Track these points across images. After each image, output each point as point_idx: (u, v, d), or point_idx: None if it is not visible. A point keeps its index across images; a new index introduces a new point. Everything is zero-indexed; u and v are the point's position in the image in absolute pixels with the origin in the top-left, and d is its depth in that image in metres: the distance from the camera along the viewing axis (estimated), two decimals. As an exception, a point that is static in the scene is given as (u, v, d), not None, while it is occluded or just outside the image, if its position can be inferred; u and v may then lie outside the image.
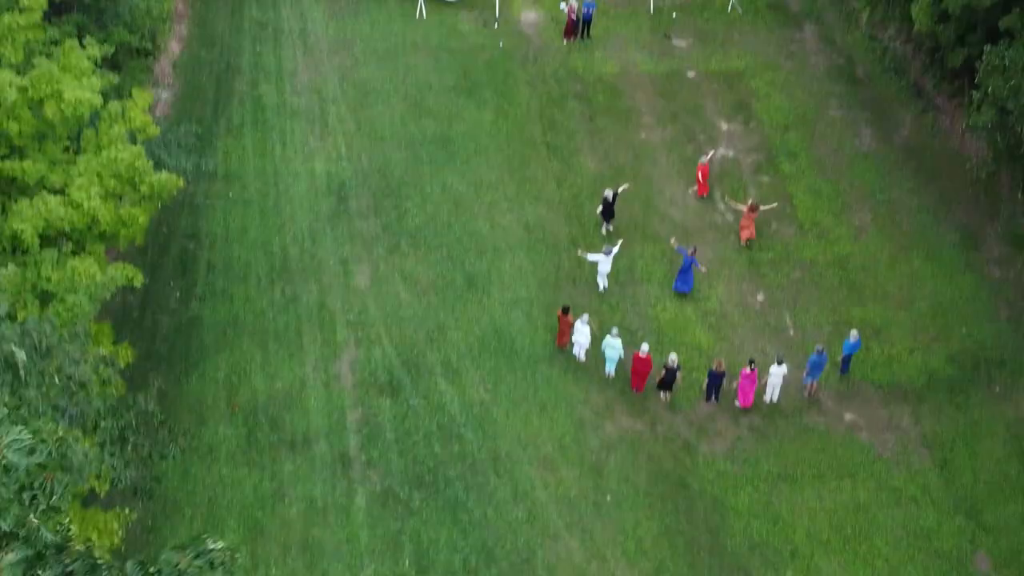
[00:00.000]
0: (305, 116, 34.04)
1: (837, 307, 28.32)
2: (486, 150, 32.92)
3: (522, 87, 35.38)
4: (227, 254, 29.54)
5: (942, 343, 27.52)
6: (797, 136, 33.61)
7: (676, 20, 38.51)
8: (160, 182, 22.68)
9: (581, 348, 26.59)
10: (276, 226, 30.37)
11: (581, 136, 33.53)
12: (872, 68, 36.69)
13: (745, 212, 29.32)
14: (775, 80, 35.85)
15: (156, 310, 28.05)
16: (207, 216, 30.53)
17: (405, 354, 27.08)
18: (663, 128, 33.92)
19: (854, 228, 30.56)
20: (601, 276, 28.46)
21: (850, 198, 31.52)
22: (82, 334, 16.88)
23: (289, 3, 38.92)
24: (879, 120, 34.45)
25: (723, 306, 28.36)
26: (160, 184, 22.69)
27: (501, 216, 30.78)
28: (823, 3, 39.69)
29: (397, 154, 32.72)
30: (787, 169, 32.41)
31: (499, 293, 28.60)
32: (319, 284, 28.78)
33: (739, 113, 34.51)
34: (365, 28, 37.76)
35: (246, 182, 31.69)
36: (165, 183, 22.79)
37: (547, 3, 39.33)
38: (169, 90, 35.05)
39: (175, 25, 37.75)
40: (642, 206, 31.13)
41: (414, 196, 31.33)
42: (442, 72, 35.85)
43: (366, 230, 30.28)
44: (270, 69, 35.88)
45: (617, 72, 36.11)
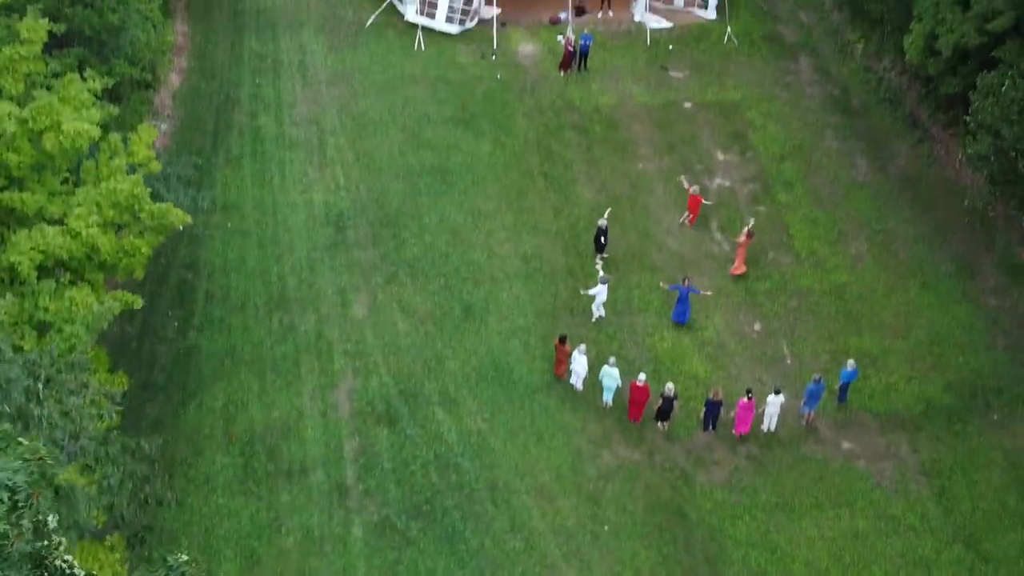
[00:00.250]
0: (304, 147, 34.24)
1: (834, 336, 28.35)
2: (484, 181, 33.09)
3: (519, 118, 35.62)
4: (225, 284, 29.61)
5: (939, 372, 27.54)
6: (793, 166, 33.80)
7: (672, 52, 38.83)
8: (161, 210, 22.77)
9: (578, 377, 26.60)
10: (274, 256, 30.46)
11: (578, 166, 33.72)
12: (867, 99, 36.96)
13: (743, 240, 29.38)
14: (771, 111, 36.10)
15: (154, 340, 28.07)
16: (206, 246, 30.62)
17: (402, 383, 27.08)
18: (660, 158, 34.12)
19: (851, 257, 30.67)
20: (597, 306, 28.51)
21: (846, 228, 31.65)
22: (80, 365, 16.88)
23: (288, 35, 39.26)
24: (875, 150, 34.66)
25: (720, 336, 28.39)
26: (161, 212, 22.78)
27: (499, 246, 30.88)
28: (818, 35, 40.06)
29: (395, 185, 32.88)
30: (783, 199, 32.57)
31: (497, 323, 28.64)
32: (317, 314, 28.83)
33: (735, 143, 34.73)
34: (364, 60, 38.05)
35: (245, 212, 31.82)
36: (166, 212, 22.88)
37: (544, 35, 39.70)
38: (169, 122, 35.27)
39: (175, 58, 38.07)
40: (639, 236, 31.25)
41: (412, 226, 31.45)
42: (440, 103, 36.11)
43: (364, 260, 30.37)
44: (269, 101, 36.12)
45: (614, 103, 36.37)
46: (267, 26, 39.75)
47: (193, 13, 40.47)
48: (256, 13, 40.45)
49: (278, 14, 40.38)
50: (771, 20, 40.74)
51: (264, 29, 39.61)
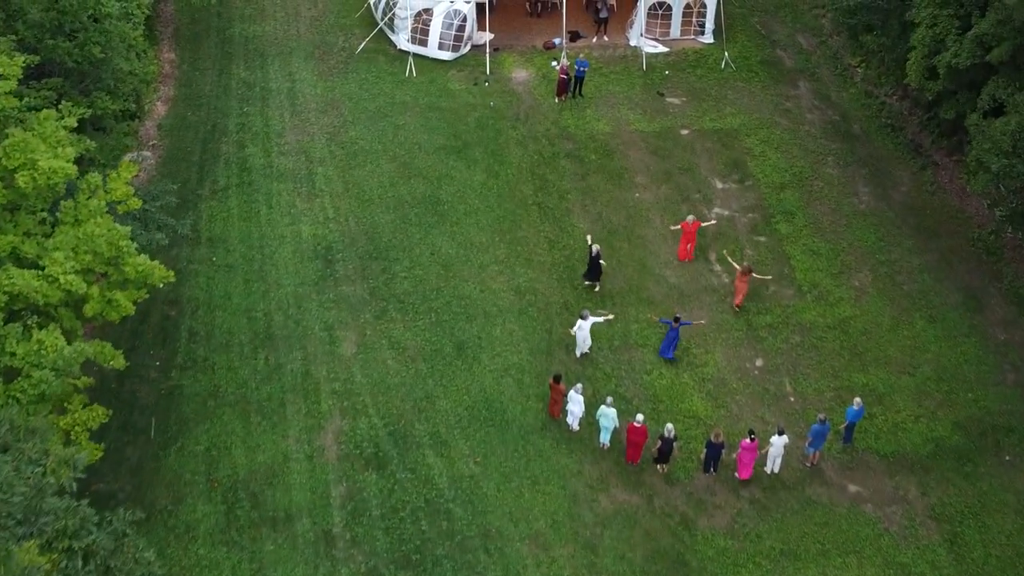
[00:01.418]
0: (292, 178, 33.40)
1: (838, 373, 27.42)
2: (476, 211, 32.23)
3: (513, 146, 34.81)
4: (209, 321, 28.68)
5: (948, 409, 26.60)
6: (793, 195, 32.97)
7: (669, 78, 38.08)
8: (146, 268, 21.87)
9: (574, 418, 25.66)
10: (260, 292, 29.55)
11: (573, 196, 32.88)
12: (868, 125, 36.18)
13: (738, 274, 28.54)
14: (770, 138, 35.30)
15: (135, 380, 27.11)
16: (190, 282, 29.72)
17: (392, 425, 26.12)
18: (657, 187, 33.28)
19: (854, 290, 29.77)
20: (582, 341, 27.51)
21: (849, 259, 30.77)
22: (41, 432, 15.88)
23: (277, 63, 38.51)
24: (877, 177, 33.84)
25: (721, 372, 27.46)
26: (146, 269, 21.88)
27: (491, 280, 29.99)
28: (817, 60, 39.32)
29: (385, 216, 32.01)
30: (784, 229, 31.70)
31: (489, 360, 27.71)
32: (304, 352, 27.89)
33: (734, 172, 33.90)
34: (354, 88, 37.27)
35: (230, 246, 30.93)
36: (151, 270, 21.98)
37: (538, 62, 38.95)
38: (154, 152, 34.47)
39: (161, 86, 37.31)
40: (636, 268, 30.36)
41: (402, 259, 30.57)
42: (432, 132, 35.30)
43: (353, 295, 29.46)
44: (257, 130, 35.30)
45: (610, 131, 35.58)
46: (256, 53, 39.02)
47: (180, 40, 39.75)
48: (245, 40, 39.72)
49: (267, 41, 39.65)
50: (769, 44, 40.03)
51: (252, 56, 38.86)
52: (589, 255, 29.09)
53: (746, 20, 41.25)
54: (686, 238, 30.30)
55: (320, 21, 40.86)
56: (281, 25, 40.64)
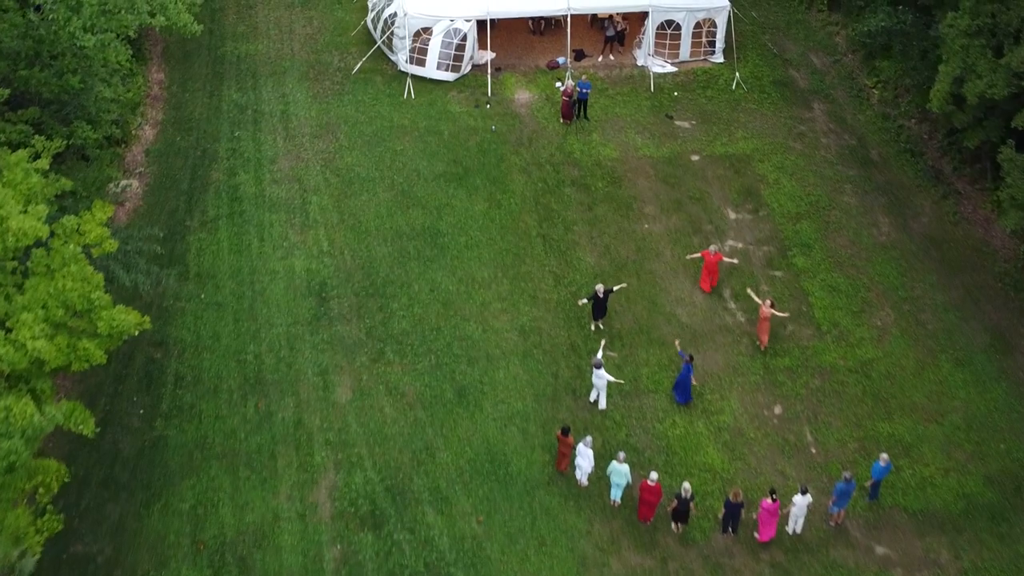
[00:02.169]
0: (285, 207, 31.88)
1: (862, 421, 25.92)
2: (478, 244, 30.72)
3: (516, 174, 33.30)
4: (197, 365, 27.16)
5: (979, 462, 25.10)
6: (810, 226, 31.46)
7: (678, 99, 36.59)
8: (120, 323, 20.35)
9: (583, 473, 24.15)
10: (251, 332, 28.03)
11: (579, 227, 31.37)
12: (887, 149, 34.69)
13: (761, 310, 26.98)
14: (784, 164, 33.80)
15: (117, 430, 25.60)
16: (176, 321, 28.20)
17: (389, 479, 24.61)
18: (667, 217, 31.77)
19: (876, 330, 28.27)
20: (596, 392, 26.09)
21: (870, 295, 29.27)
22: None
23: (270, 84, 37.00)
24: (897, 207, 32.34)
25: (737, 420, 25.96)
26: (121, 324, 20.36)
27: (494, 319, 28.48)
28: (831, 80, 37.83)
29: (382, 249, 30.51)
30: (801, 263, 30.20)
31: (492, 407, 26.20)
32: (296, 398, 26.38)
33: (747, 201, 32.40)
34: (350, 110, 35.77)
35: (220, 282, 29.42)
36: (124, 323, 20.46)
37: (541, 82, 37.45)
38: (141, 180, 32.94)
39: (149, 109, 35.80)
40: (646, 306, 28.86)
41: (400, 296, 29.06)
42: (431, 157, 33.80)
43: (348, 336, 27.95)
44: (248, 156, 33.79)
45: (617, 156, 34.07)
46: (248, 74, 37.51)
47: (170, 60, 38.24)
48: (237, 59, 38.21)
49: (260, 60, 38.14)
50: (781, 64, 38.53)
51: (245, 77, 37.36)
52: (596, 296, 27.54)
53: (757, 38, 39.77)
54: (708, 270, 28.78)
55: (315, 40, 39.37)
56: (275, 44, 39.15)
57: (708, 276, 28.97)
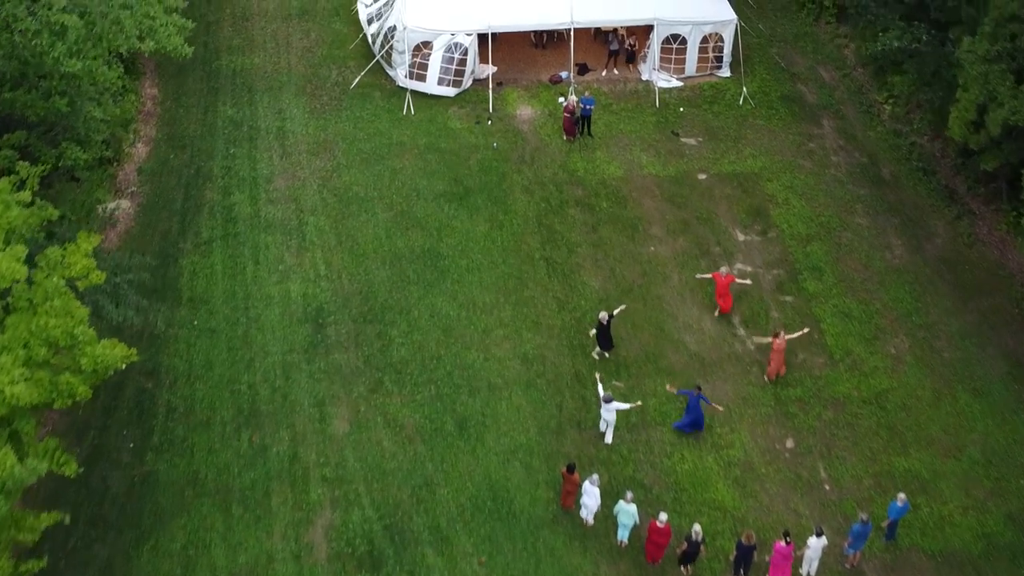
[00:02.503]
0: (281, 229, 31.01)
1: (877, 456, 25.04)
2: (479, 267, 29.85)
3: (518, 193, 32.42)
4: (189, 395, 26.29)
5: (999, 499, 24.22)
6: (821, 248, 30.58)
7: (684, 115, 35.71)
8: (105, 357, 19.49)
9: (589, 511, 23.28)
10: (245, 360, 27.16)
11: (584, 250, 30.49)
12: (898, 168, 33.80)
13: (773, 343, 26.10)
14: (793, 183, 32.93)
15: (106, 465, 24.75)
16: (169, 349, 27.33)
17: (388, 517, 23.73)
18: (673, 239, 30.89)
19: (890, 358, 27.39)
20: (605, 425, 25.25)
21: (883, 321, 28.39)
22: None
23: (267, 99, 36.13)
24: (910, 228, 31.46)
25: (748, 454, 25.08)
26: (106, 359, 19.50)
27: (496, 346, 27.60)
28: (841, 95, 36.94)
29: (381, 272, 29.64)
30: (812, 288, 29.32)
31: (494, 440, 25.33)
32: (291, 431, 25.51)
33: (756, 221, 31.52)
34: (348, 127, 34.89)
35: (213, 307, 28.55)
36: (110, 358, 19.59)
37: (544, 97, 36.58)
38: (133, 200, 32.07)
39: (142, 126, 34.93)
40: (653, 333, 27.98)
41: (399, 322, 28.19)
42: (431, 176, 32.93)
43: (345, 364, 27.08)
44: (244, 175, 32.91)
45: (622, 175, 33.20)
46: (244, 89, 36.63)
47: (164, 74, 37.35)
48: (232, 74, 37.33)
49: (256, 75, 37.27)
50: (789, 78, 37.65)
51: (240, 92, 36.48)
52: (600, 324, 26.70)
53: (764, 51, 38.88)
54: (721, 292, 27.90)
55: (312, 53, 38.49)
56: (271, 57, 38.26)
57: (722, 298, 28.09)
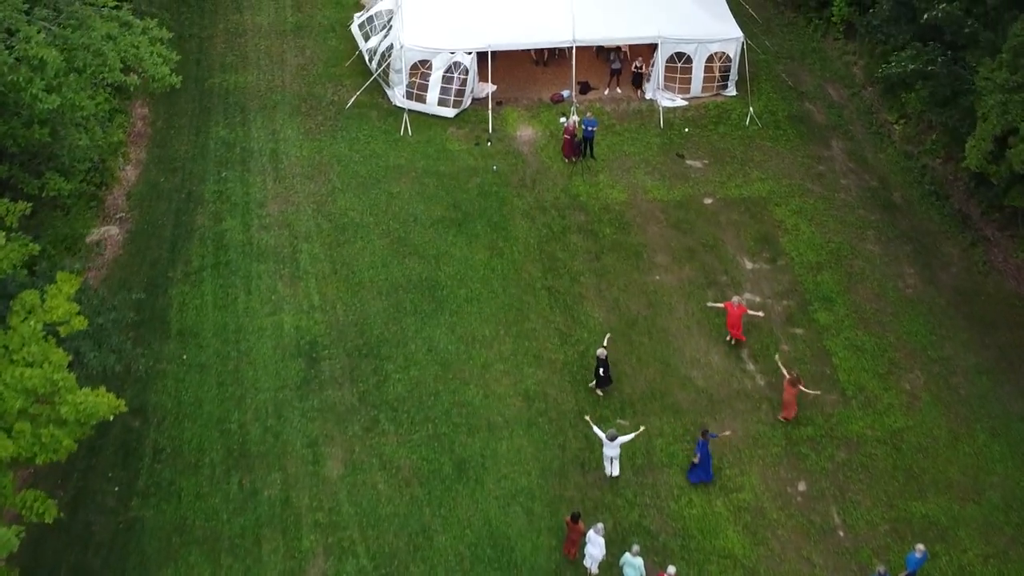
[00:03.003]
0: (274, 257, 30.03)
1: (893, 500, 24.05)
2: (478, 298, 28.87)
3: (519, 218, 31.44)
4: (177, 435, 25.30)
5: (1020, 548, 23.24)
6: (832, 277, 29.60)
7: (688, 136, 34.73)
8: (89, 405, 18.48)
9: (594, 561, 22.29)
10: (235, 398, 26.18)
11: (586, 279, 29.50)
12: (910, 192, 32.83)
13: (786, 384, 25.13)
14: (803, 208, 31.94)
15: (90, 510, 23.76)
16: (156, 386, 26.35)
17: (383, 567, 22.75)
18: (679, 268, 29.90)
19: (905, 395, 26.40)
20: (610, 461, 24.32)
21: (898, 356, 27.41)
22: None
23: (260, 119, 35.15)
24: (923, 255, 30.48)
25: (759, 499, 24.09)
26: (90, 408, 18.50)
27: (496, 382, 26.62)
28: (850, 115, 35.97)
29: (377, 303, 28.65)
30: (823, 319, 28.33)
31: (494, 483, 24.34)
32: (283, 473, 24.52)
33: (764, 249, 30.53)
34: (343, 149, 33.92)
35: (203, 341, 27.56)
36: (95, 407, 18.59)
37: (545, 117, 35.62)
38: (121, 226, 31.10)
39: (132, 148, 33.93)
40: (659, 369, 27.00)
41: (396, 357, 27.20)
42: (429, 201, 31.95)
43: (340, 402, 26.09)
44: (236, 199, 31.93)
45: (625, 200, 32.21)
46: (236, 108, 35.66)
47: (155, 94, 36.25)
48: (225, 92, 36.37)
49: (249, 94, 36.29)
50: (796, 97, 36.67)
51: (233, 112, 35.51)
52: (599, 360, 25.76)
53: (771, 68, 37.92)
54: (733, 322, 26.94)
55: (307, 70, 37.52)
56: (265, 75, 37.29)
57: (735, 328, 27.13)
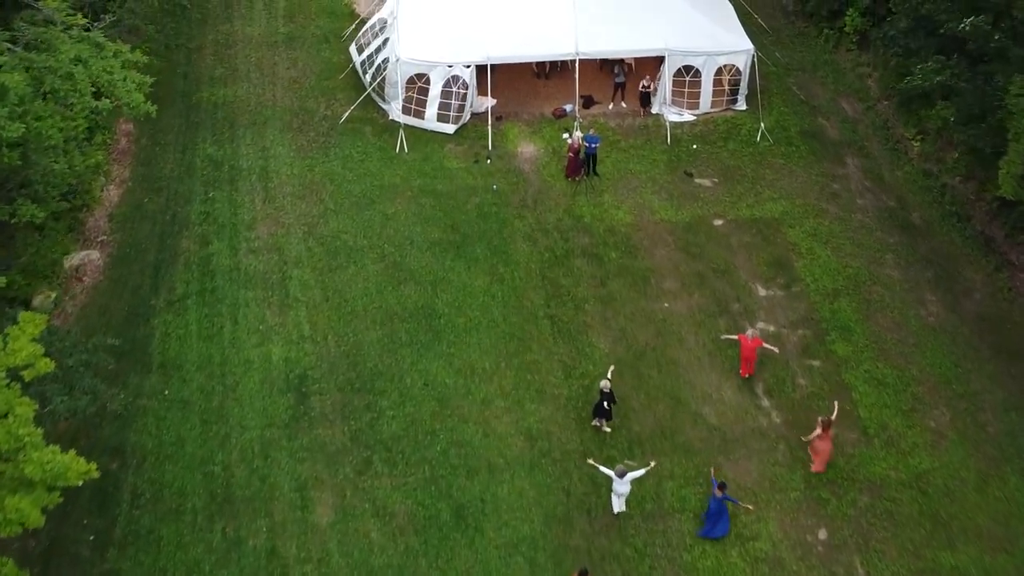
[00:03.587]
0: (262, 283, 28.54)
1: (920, 550, 22.54)
2: (478, 327, 27.38)
3: (520, 241, 29.96)
4: (158, 478, 23.80)
5: (1058, 602, 21.75)
6: (849, 305, 28.10)
7: (697, 152, 33.26)
8: (56, 466, 16.97)
9: (601, 620, 20.79)
10: (220, 437, 24.67)
11: (591, 306, 28.01)
12: (929, 212, 31.34)
13: (819, 432, 23.53)
14: (818, 230, 30.45)
15: (63, 561, 22.25)
16: (136, 424, 24.85)
17: (376, 625, 21.25)
18: (689, 295, 28.41)
19: (930, 433, 24.90)
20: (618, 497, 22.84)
21: (921, 390, 25.91)
22: None
23: (250, 135, 33.68)
24: (945, 281, 28.98)
25: (777, 548, 22.58)
26: (57, 467, 16.99)
27: (496, 419, 25.12)
28: (865, 130, 34.49)
29: (371, 333, 27.16)
30: (841, 351, 26.83)
31: (495, 531, 22.83)
32: (270, 520, 23.01)
33: (778, 274, 29.04)
34: (336, 167, 32.43)
35: (187, 375, 26.06)
36: (63, 467, 17.07)
37: (547, 133, 34.15)
38: (102, 250, 29.62)
39: (116, 166, 32.47)
40: (669, 404, 25.50)
41: (390, 391, 25.71)
42: (426, 223, 30.46)
43: (330, 441, 24.59)
44: (223, 221, 30.44)
45: (631, 221, 30.72)
46: (225, 124, 34.18)
47: (140, 108, 34.77)
48: (213, 107, 34.89)
49: (239, 108, 34.82)
50: (809, 112, 35.20)
51: (222, 127, 34.04)
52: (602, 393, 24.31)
53: (781, 80, 36.45)
54: (746, 356, 25.49)
55: (299, 84, 36.06)
56: (255, 88, 35.83)
57: (746, 362, 25.66)
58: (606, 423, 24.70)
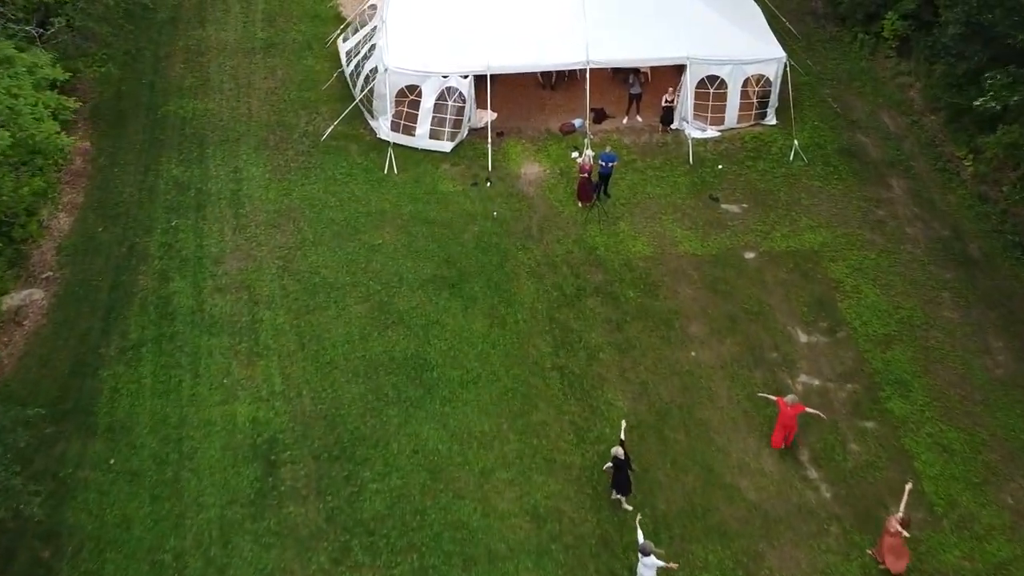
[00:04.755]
0: (228, 328, 24.86)
1: (1006, 663, 18.85)
2: (476, 380, 23.70)
3: (524, 278, 26.28)
4: (97, 569, 20.13)
5: None
6: (904, 354, 24.40)
7: (723, 174, 29.58)
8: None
9: None
10: (173, 517, 20.97)
11: (607, 355, 24.32)
12: (989, 243, 27.65)
13: (897, 531, 19.66)
14: (863, 264, 26.76)
15: (-22, 677, 18.52)
16: (76, 499, 21.19)
17: None
18: (719, 341, 24.71)
19: (1008, 511, 21.20)
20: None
21: (994, 458, 22.20)
22: None
23: (220, 154, 30.02)
24: (1012, 324, 25.30)
25: (833, 659, 18.87)
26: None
27: (498, 495, 21.42)
28: (910, 148, 30.79)
29: (352, 389, 23.48)
30: (898, 410, 23.12)
31: (496, 638, 19.13)
32: (228, 624, 19.29)
33: (821, 316, 25.35)
34: (317, 190, 28.77)
35: (137, 439, 22.38)
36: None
37: (553, 151, 30.48)
38: (47, 287, 25.95)
39: (67, 190, 28.80)
40: (700, 475, 21.78)
41: (374, 460, 22.03)
42: (417, 256, 26.79)
43: (303, 522, 20.89)
44: (187, 254, 26.78)
45: (651, 254, 27.04)
46: (193, 141, 30.53)
47: (100, 121, 31.27)
48: (181, 122, 31.23)
49: (209, 123, 31.16)
50: (847, 127, 31.50)
51: (189, 145, 30.38)
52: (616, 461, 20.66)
53: (815, 91, 32.75)
54: (783, 423, 21.77)
55: (277, 95, 32.39)
56: (229, 100, 32.15)
57: (783, 433, 21.95)
58: (625, 500, 20.98)
